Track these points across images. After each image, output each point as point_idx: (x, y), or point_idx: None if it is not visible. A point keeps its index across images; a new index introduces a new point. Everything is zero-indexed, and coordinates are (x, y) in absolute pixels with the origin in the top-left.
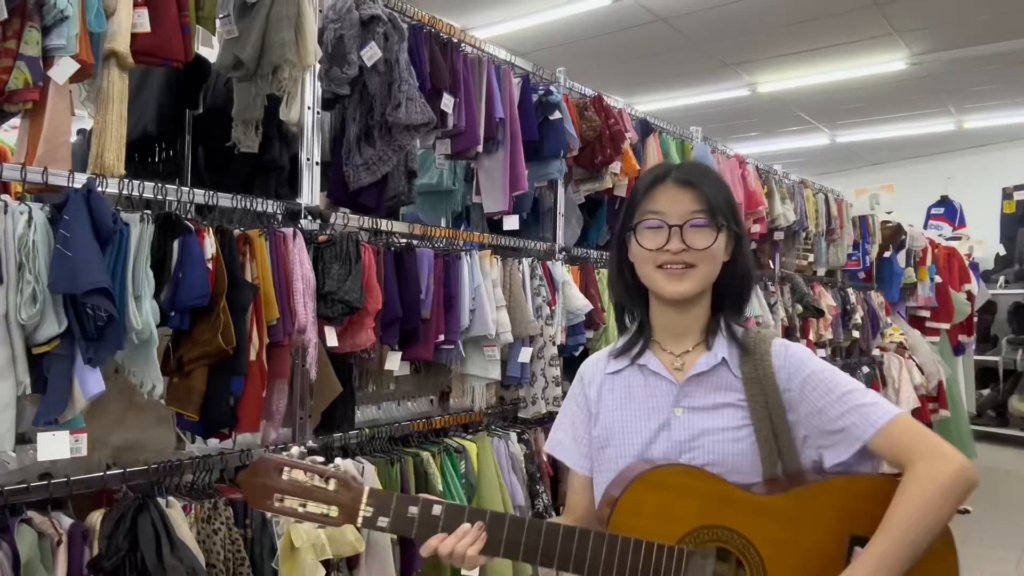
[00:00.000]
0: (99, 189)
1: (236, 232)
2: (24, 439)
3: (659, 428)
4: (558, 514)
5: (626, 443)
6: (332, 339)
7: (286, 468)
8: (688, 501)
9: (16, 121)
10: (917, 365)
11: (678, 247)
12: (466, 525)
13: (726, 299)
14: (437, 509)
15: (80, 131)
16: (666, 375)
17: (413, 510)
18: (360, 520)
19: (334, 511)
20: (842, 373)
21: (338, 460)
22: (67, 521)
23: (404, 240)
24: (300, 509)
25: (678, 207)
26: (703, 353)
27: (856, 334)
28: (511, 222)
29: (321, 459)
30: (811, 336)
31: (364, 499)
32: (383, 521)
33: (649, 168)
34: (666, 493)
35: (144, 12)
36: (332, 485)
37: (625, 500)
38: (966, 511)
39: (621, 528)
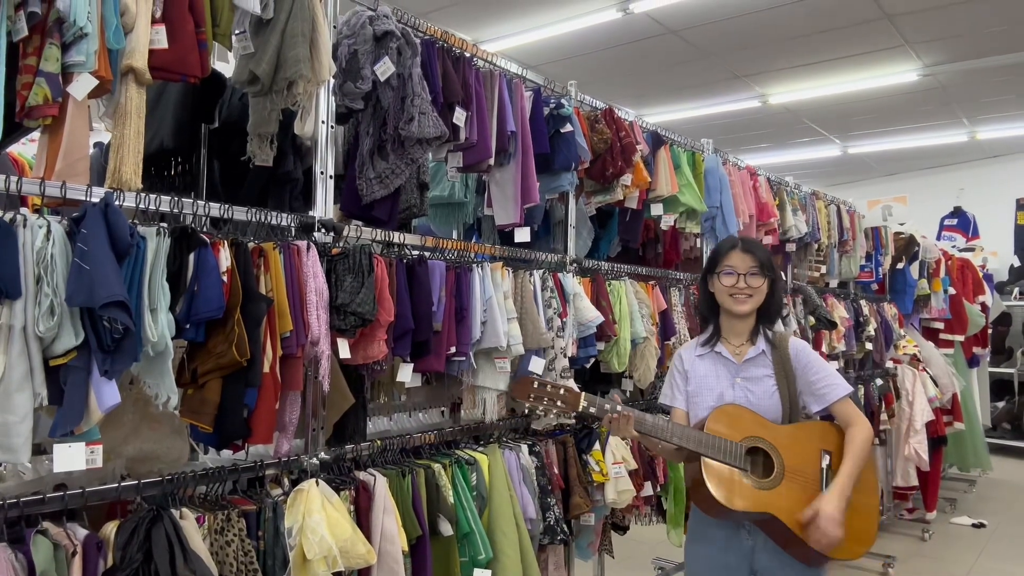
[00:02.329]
0: (116, 203)
1: (251, 245)
2: (39, 450)
3: (726, 388)
4: (569, 526)
5: (709, 395)
6: (345, 351)
7: (536, 382)
8: (742, 422)
9: (35, 134)
10: (931, 377)
11: (743, 285)
12: (626, 411)
13: (764, 314)
14: (615, 405)
15: (97, 144)
16: (730, 358)
17: (604, 404)
18: (580, 408)
19: (562, 404)
20: (824, 361)
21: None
22: (82, 532)
23: (416, 252)
24: (545, 401)
25: (743, 263)
26: (751, 346)
27: (869, 346)
28: (522, 234)
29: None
30: (824, 348)
31: (582, 397)
32: (592, 409)
33: (723, 239)
34: (731, 417)
35: (162, 28)
36: (562, 391)
37: (712, 416)
38: (982, 525)
39: (710, 431)
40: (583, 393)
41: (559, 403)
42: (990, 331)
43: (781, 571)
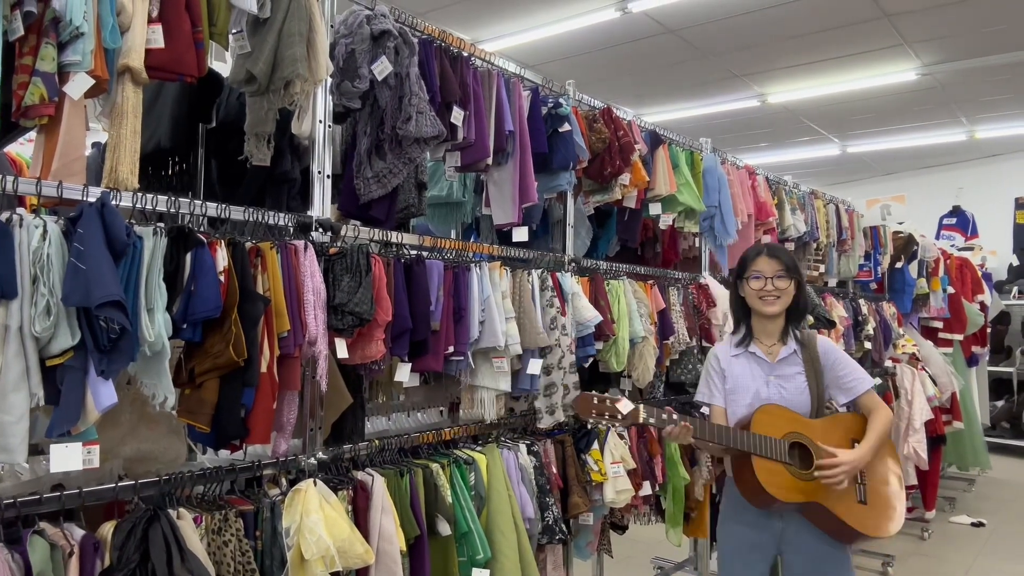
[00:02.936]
0: (113, 203)
1: (248, 245)
2: (37, 450)
3: (761, 385)
4: (568, 526)
5: (745, 392)
6: (342, 350)
7: (596, 398)
8: (782, 420)
9: (32, 134)
10: (930, 376)
11: (771, 287)
12: (684, 422)
13: (792, 315)
14: (671, 415)
15: (94, 144)
16: (764, 358)
17: (661, 414)
18: (640, 420)
19: (621, 418)
20: (849, 357)
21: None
22: (79, 532)
23: (414, 252)
24: (607, 416)
25: (769, 268)
26: (783, 346)
27: (868, 345)
28: (520, 234)
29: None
30: None
31: (641, 410)
32: (652, 420)
33: (750, 247)
34: (773, 416)
35: (158, 28)
36: (621, 403)
37: (755, 418)
38: (981, 524)
39: (756, 431)
40: (641, 406)
41: (619, 417)
42: (989, 330)
43: (807, 548)
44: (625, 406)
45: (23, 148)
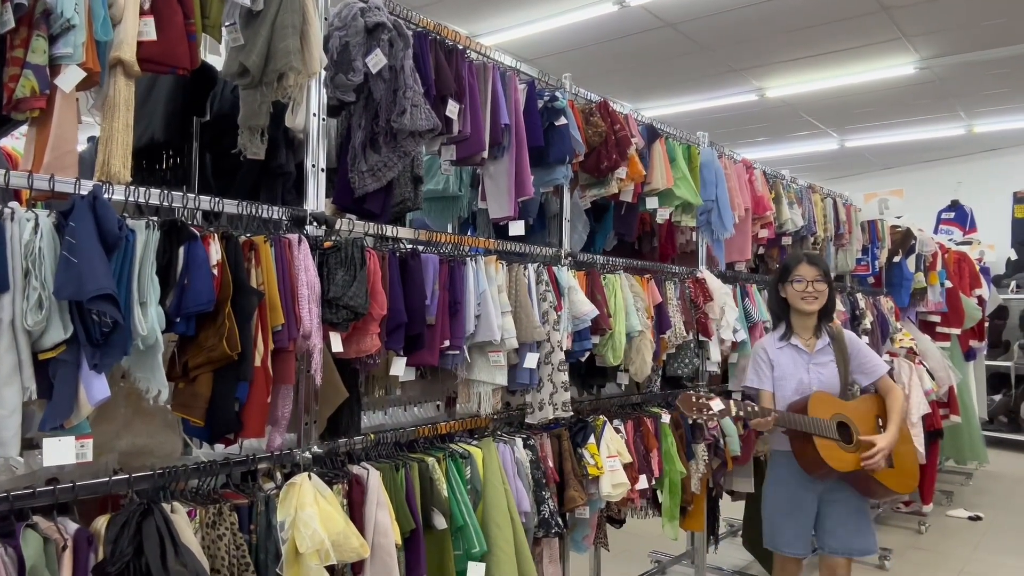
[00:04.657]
0: (105, 196)
1: (241, 238)
2: (32, 444)
3: (803, 373)
4: (564, 519)
5: (791, 379)
6: (337, 344)
7: (695, 396)
8: (828, 404)
9: (25, 128)
10: (927, 370)
11: (811, 290)
12: (773, 414)
13: (824, 312)
14: (754, 407)
15: (90, 138)
16: (804, 349)
17: (747, 407)
18: (733, 413)
19: (719, 412)
20: (868, 347)
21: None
22: (72, 526)
23: (410, 245)
24: (706, 411)
25: (809, 273)
26: (818, 339)
27: (865, 339)
28: (517, 227)
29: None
30: None
31: (732, 405)
32: (741, 413)
33: (791, 254)
34: (822, 402)
35: (150, 20)
36: (714, 401)
37: (811, 404)
38: (978, 518)
39: (813, 415)
40: (731, 401)
41: (717, 413)
42: (987, 324)
43: (842, 504)
44: (718, 404)
45: (18, 143)
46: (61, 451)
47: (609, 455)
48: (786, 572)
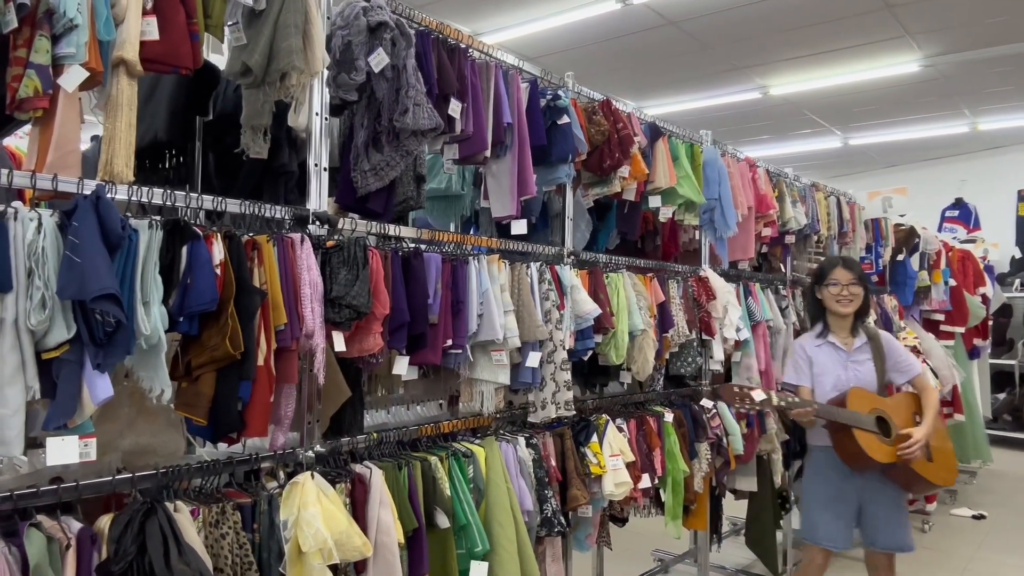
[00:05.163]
0: (108, 195)
1: (244, 237)
2: (36, 444)
3: (841, 370)
4: (567, 518)
5: (829, 376)
6: (340, 344)
7: (736, 387)
8: (867, 400)
9: (28, 128)
10: (931, 369)
11: (846, 292)
12: (813, 405)
13: (859, 313)
14: (794, 399)
15: (94, 137)
16: (842, 348)
17: (788, 397)
18: (774, 403)
19: (761, 404)
20: (903, 347)
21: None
22: (76, 525)
23: (412, 244)
24: (748, 402)
25: (845, 277)
26: (855, 338)
27: None
28: (519, 226)
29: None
30: None
31: (774, 396)
32: (783, 404)
33: (827, 259)
34: (860, 397)
35: (153, 20)
36: (756, 392)
37: (851, 399)
38: (982, 516)
39: (853, 409)
40: (772, 392)
41: (759, 404)
42: (991, 323)
43: (881, 497)
44: (759, 395)
45: (22, 142)
46: (65, 450)
47: (612, 454)
48: (814, 564)
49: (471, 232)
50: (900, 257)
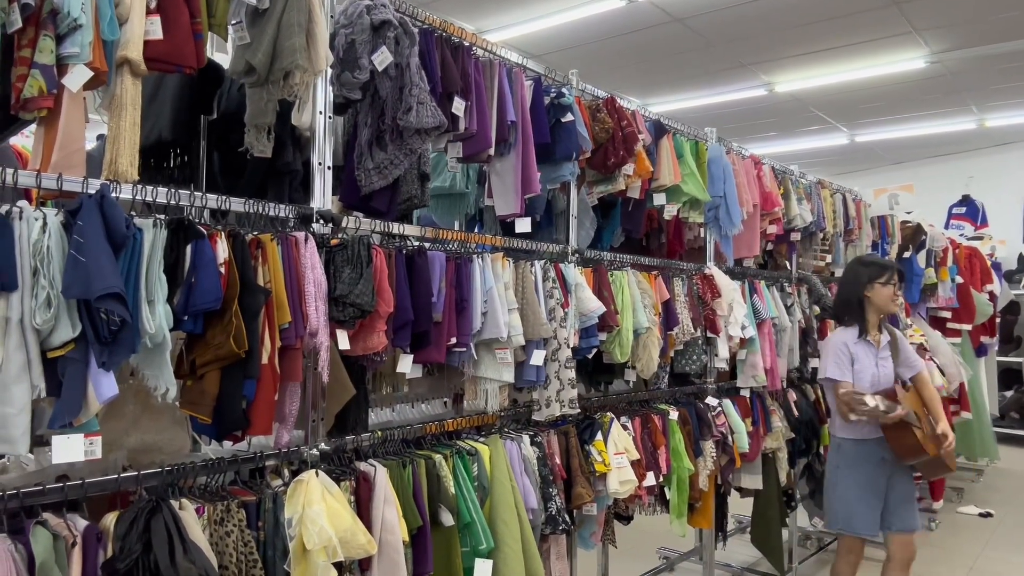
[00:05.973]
0: (113, 195)
1: (248, 236)
2: (42, 442)
3: (873, 367)
4: (571, 516)
5: (866, 372)
6: (344, 342)
7: (857, 395)
8: (908, 398)
9: (33, 127)
10: (938, 366)
11: (898, 293)
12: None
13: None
14: (892, 405)
15: (99, 136)
16: (873, 345)
17: (889, 402)
18: (882, 409)
19: (870, 408)
20: (910, 345)
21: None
22: (82, 523)
23: (416, 243)
24: (860, 407)
25: (897, 279)
26: (882, 336)
27: None
28: (523, 224)
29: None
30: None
31: (880, 401)
32: (882, 407)
33: (883, 259)
34: (903, 396)
35: (156, 19)
36: (867, 396)
37: (905, 398)
38: (988, 514)
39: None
40: (879, 397)
41: (871, 408)
42: (998, 320)
43: (897, 481)
44: (871, 400)
45: (28, 141)
46: (70, 448)
47: (616, 452)
48: (853, 553)
49: (475, 230)
50: (907, 254)
